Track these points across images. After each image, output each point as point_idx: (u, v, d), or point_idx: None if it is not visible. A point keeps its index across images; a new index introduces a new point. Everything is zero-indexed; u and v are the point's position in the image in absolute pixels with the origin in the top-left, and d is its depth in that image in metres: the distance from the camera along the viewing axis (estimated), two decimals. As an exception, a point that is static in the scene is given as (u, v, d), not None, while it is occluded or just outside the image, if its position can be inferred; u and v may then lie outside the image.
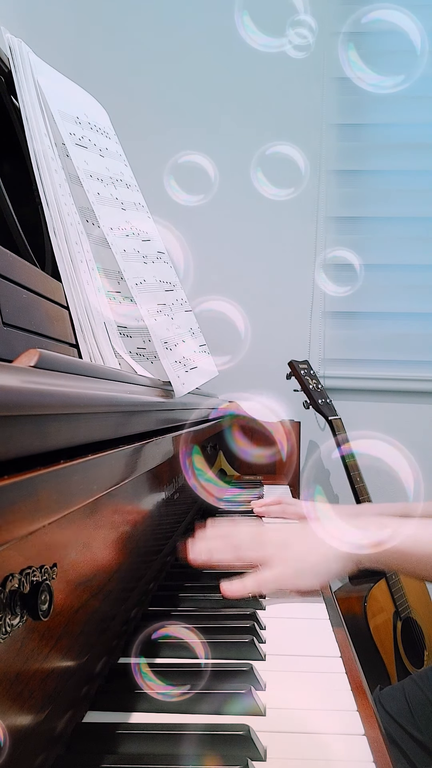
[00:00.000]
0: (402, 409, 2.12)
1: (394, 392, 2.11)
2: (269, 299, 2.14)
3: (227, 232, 2.18)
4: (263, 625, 0.71)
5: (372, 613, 1.73)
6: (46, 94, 0.85)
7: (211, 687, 0.54)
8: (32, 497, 0.36)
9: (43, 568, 0.40)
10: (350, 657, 0.64)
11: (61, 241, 0.77)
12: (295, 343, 2.14)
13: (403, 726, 0.94)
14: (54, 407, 0.38)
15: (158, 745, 0.46)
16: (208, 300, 1.03)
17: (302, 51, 1.48)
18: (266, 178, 2.21)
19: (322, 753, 0.47)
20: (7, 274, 0.54)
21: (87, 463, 0.45)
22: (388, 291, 2.14)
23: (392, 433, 2.13)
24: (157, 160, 1.29)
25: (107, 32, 2.17)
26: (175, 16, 2.15)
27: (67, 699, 0.47)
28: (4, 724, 0.36)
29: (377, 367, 2.13)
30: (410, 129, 2.14)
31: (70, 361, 0.47)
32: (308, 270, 2.16)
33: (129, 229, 0.94)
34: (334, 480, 2.11)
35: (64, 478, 0.41)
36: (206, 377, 1.00)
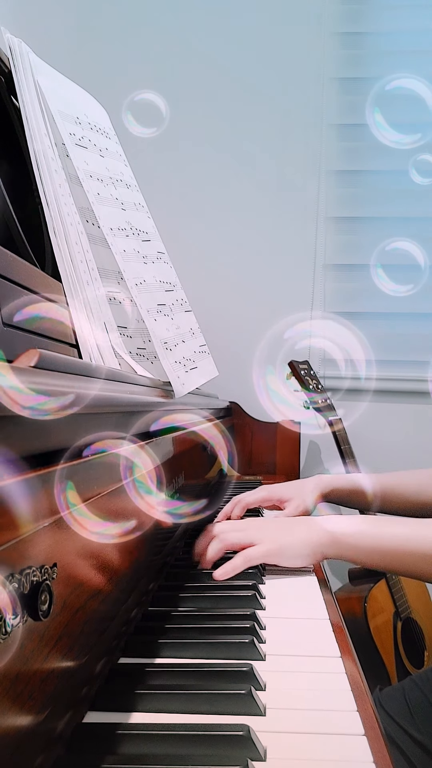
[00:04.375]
0: (402, 409, 2.12)
1: (394, 392, 2.11)
2: (269, 301, 2.14)
3: (228, 233, 2.18)
4: (263, 625, 0.71)
5: (372, 614, 1.73)
6: (46, 94, 0.85)
7: (211, 687, 0.54)
8: (32, 497, 0.36)
9: (43, 568, 0.40)
10: (350, 657, 0.64)
11: (61, 241, 0.77)
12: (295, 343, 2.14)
13: (402, 726, 0.94)
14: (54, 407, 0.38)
15: (158, 745, 0.46)
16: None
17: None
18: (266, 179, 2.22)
19: (322, 753, 0.47)
20: (7, 274, 0.54)
21: (87, 463, 0.45)
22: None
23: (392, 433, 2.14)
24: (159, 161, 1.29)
25: (108, 32, 2.17)
26: (176, 16, 2.15)
27: (67, 699, 0.47)
28: (5, 724, 0.36)
29: (377, 367, 2.13)
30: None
31: (70, 361, 0.47)
32: (308, 270, 2.16)
33: (129, 229, 0.94)
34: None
35: (65, 478, 0.41)
36: (206, 377, 1.00)
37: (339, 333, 2.16)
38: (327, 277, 2.16)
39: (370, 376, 2.11)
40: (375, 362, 2.13)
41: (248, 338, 2.04)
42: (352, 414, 1.98)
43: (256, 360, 1.96)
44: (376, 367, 2.13)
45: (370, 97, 1.39)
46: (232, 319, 2.13)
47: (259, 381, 1.89)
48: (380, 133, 1.32)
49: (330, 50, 2.12)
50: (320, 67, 2.12)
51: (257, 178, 2.17)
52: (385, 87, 1.37)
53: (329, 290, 2.17)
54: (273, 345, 2.04)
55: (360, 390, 2.12)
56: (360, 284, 2.16)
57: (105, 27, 2.17)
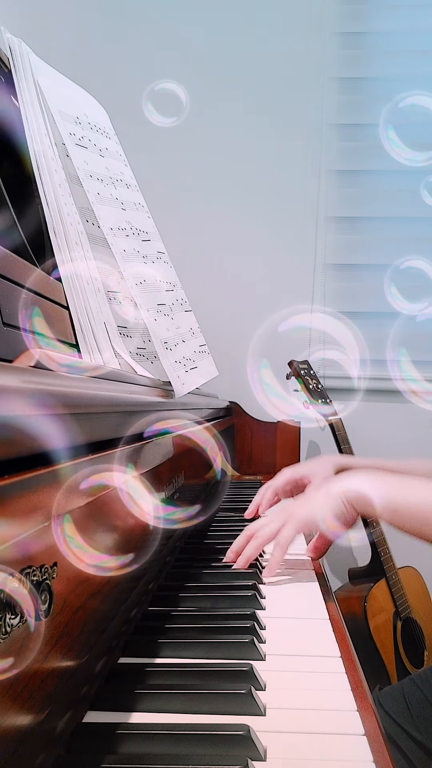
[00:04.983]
0: (402, 409, 2.12)
1: (394, 392, 2.11)
2: (270, 300, 2.14)
3: (228, 232, 2.18)
4: (263, 625, 0.71)
5: (372, 613, 1.73)
6: (46, 94, 0.85)
7: (211, 687, 0.54)
8: (33, 497, 0.36)
9: (43, 567, 0.40)
10: (350, 657, 0.64)
11: (61, 241, 0.77)
12: (295, 343, 2.13)
13: (402, 726, 0.94)
14: (54, 407, 0.38)
15: (158, 745, 0.46)
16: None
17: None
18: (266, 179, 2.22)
19: (322, 753, 0.47)
20: (7, 274, 0.54)
21: (87, 463, 0.45)
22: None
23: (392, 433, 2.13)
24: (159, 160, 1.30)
25: (108, 33, 2.17)
26: (175, 16, 2.15)
27: (67, 699, 0.47)
28: (5, 723, 0.36)
29: (377, 367, 2.13)
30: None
31: (70, 361, 0.47)
32: (308, 270, 2.16)
33: (129, 229, 0.94)
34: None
35: (65, 477, 0.41)
36: (206, 377, 1.00)
37: (339, 332, 2.16)
38: (327, 277, 2.16)
39: (369, 375, 2.11)
40: (375, 362, 2.13)
41: (248, 338, 2.04)
42: (352, 414, 1.98)
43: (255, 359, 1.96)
44: (376, 367, 2.12)
45: (382, 116, 1.38)
46: (232, 318, 2.13)
47: (255, 377, 1.89)
48: (394, 151, 1.32)
49: (330, 50, 2.12)
50: (320, 67, 2.12)
51: (257, 177, 2.17)
52: (399, 105, 1.37)
53: (329, 290, 2.17)
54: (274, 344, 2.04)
55: (360, 390, 2.12)
56: (360, 284, 2.16)
57: (104, 27, 2.17)
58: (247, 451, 2.05)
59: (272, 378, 1.91)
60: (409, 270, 1.73)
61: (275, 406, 1.92)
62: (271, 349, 1.95)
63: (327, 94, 2.13)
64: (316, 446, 2.17)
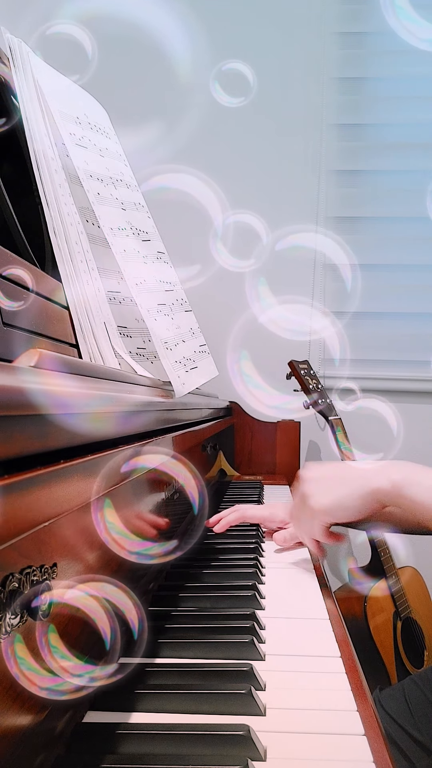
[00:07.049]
0: (402, 409, 2.12)
1: (394, 392, 2.12)
2: (269, 300, 2.14)
3: (227, 232, 2.18)
4: (263, 625, 0.71)
5: (372, 613, 1.73)
6: (46, 94, 0.85)
7: (211, 687, 0.54)
8: (32, 497, 0.36)
9: (43, 567, 0.40)
10: (350, 657, 0.64)
11: (61, 241, 0.77)
12: (295, 344, 2.14)
13: (402, 726, 0.94)
14: (54, 407, 0.38)
15: (158, 745, 0.46)
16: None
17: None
18: (266, 179, 2.22)
19: (322, 753, 0.47)
20: (7, 274, 0.54)
21: (87, 463, 0.45)
22: (388, 291, 2.14)
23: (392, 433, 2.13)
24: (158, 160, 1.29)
25: (108, 32, 2.17)
26: (173, 16, 2.15)
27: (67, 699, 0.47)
28: (5, 723, 0.36)
29: (377, 367, 2.13)
30: (410, 129, 2.14)
31: (70, 361, 0.47)
32: (308, 270, 2.16)
33: (129, 229, 0.94)
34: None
35: (65, 477, 0.41)
36: (206, 377, 1.00)
37: (339, 332, 2.16)
38: (327, 277, 2.16)
39: (369, 375, 2.11)
40: (375, 362, 2.13)
41: (249, 338, 2.04)
42: (351, 414, 1.98)
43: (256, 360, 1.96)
44: (376, 367, 2.13)
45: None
46: (232, 318, 2.13)
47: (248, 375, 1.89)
48: (401, 24, 1.18)
49: (330, 50, 2.12)
50: (320, 67, 2.12)
51: (257, 177, 2.17)
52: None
53: (330, 289, 2.17)
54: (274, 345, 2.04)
55: (359, 390, 2.12)
56: (360, 284, 2.16)
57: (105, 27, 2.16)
58: (247, 451, 2.05)
59: (272, 379, 1.91)
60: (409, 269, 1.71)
61: (275, 406, 1.92)
62: (271, 349, 1.95)
63: (327, 94, 2.13)
64: (316, 446, 2.17)
